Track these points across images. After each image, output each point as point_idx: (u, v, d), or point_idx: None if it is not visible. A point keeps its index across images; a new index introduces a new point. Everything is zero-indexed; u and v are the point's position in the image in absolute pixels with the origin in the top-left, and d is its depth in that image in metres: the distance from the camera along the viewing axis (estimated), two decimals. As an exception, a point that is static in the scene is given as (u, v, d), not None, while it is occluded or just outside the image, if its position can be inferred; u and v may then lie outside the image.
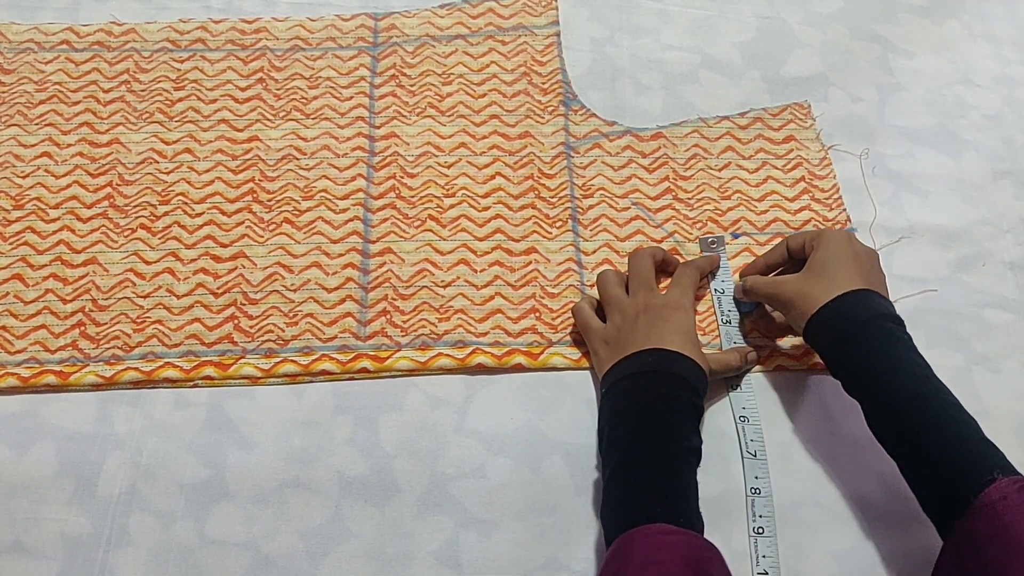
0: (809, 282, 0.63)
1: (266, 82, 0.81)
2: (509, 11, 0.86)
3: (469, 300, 0.70)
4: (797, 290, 0.63)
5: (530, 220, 0.74)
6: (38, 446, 0.63)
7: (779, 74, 0.83)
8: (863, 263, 0.63)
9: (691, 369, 0.60)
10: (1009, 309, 0.71)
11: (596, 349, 0.65)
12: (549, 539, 0.61)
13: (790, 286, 0.64)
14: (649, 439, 0.57)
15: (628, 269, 0.68)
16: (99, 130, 0.78)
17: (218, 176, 0.75)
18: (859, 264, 0.63)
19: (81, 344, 0.67)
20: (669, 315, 0.63)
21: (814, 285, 0.62)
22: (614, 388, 0.61)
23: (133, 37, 0.83)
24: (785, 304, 0.64)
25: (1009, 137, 0.80)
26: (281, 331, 0.68)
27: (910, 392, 0.56)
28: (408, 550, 0.60)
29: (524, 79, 0.81)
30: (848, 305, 0.60)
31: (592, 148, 0.78)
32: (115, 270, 0.71)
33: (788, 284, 0.64)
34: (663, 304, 0.64)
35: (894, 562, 0.60)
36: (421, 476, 0.63)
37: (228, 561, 0.60)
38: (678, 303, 0.64)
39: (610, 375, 0.62)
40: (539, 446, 0.64)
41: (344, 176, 0.75)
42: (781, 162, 0.78)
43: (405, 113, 0.79)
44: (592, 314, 0.66)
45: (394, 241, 0.72)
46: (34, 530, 0.60)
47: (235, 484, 0.62)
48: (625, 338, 0.62)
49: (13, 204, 0.74)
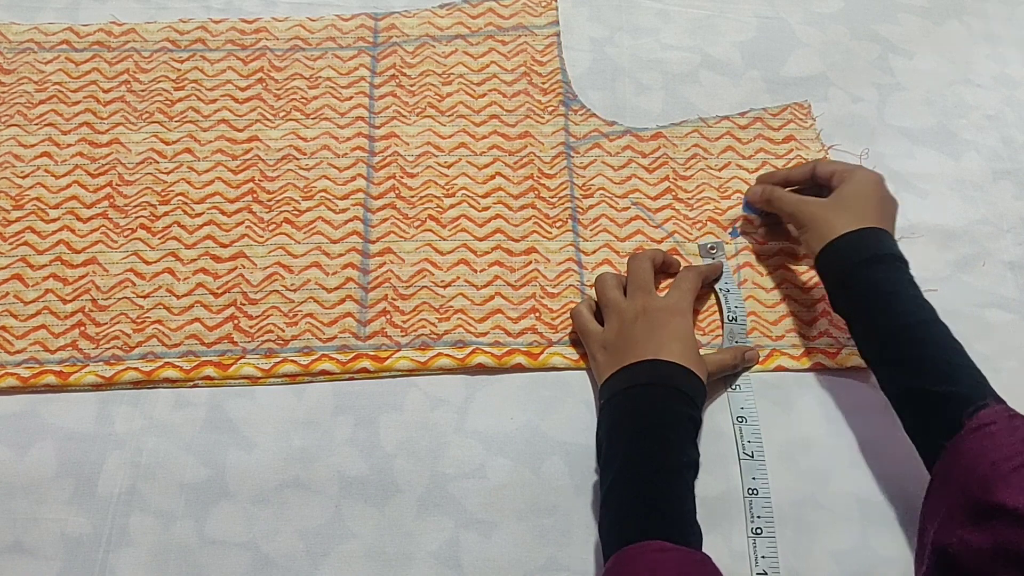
0: (834, 210, 0.65)
1: (266, 82, 0.81)
2: (509, 11, 0.86)
3: (469, 300, 0.70)
4: (821, 215, 0.65)
5: (530, 220, 0.74)
6: (38, 446, 0.63)
7: (779, 74, 0.83)
8: (888, 208, 0.66)
9: (689, 381, 0.60)
10: (1009, 309, 0.71)
11: (594, 353, 0.65)
12: (549, 539, 0.61)
13: (814, 208, 0.66)
14: (645, 454, 0.57)
15: (627, 272, 0.68)
16: (99, 130, 0.78)
17: (218, 176, 0.75)
18: (884, 208, 0.66)
19: (81, 344, 0.67)
20: (667, 320, 0.63)
21: (839, 214, 0.64)
22: (612, 400, 0.60)
23: (133, 37, 0.83)
24: (804, 224, 0.66)
25: (1009, 137, 0.80)
26: (281, 331, 0.68)
27: (912, 319, 0.59)
28: (408, 550, 0.60)
29: (524, 79, 0.81)
30: (867, 239, 0.62)
31: (592, 148, 0.78)
32: (115, 270, 0.71)
33: (813, 206, 0.66)
34: (661, 308, 0.64)
35: (894, 563, 0.60)
36: (421, 476, 0.63)
37: (228, 561, 0.60)
38: (676, 307, 0.64)
39: (608, 385, 0.61)
40: (539, 446, 0.64)
41: (344, 176, 0.75)
42: (781, 162, 0.78)
43: (405, 113, 0.79)
44: (591, 317, 0.66)
45: (394, 241, 0.72)
46: (34, 530, 0.60)
47: (235, 484, 0.62)
48: (623, 344, 0.62)
49: (13, 204, 0.74)
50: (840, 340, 0.69)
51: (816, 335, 0.69)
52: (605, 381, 0.62)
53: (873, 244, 0.62)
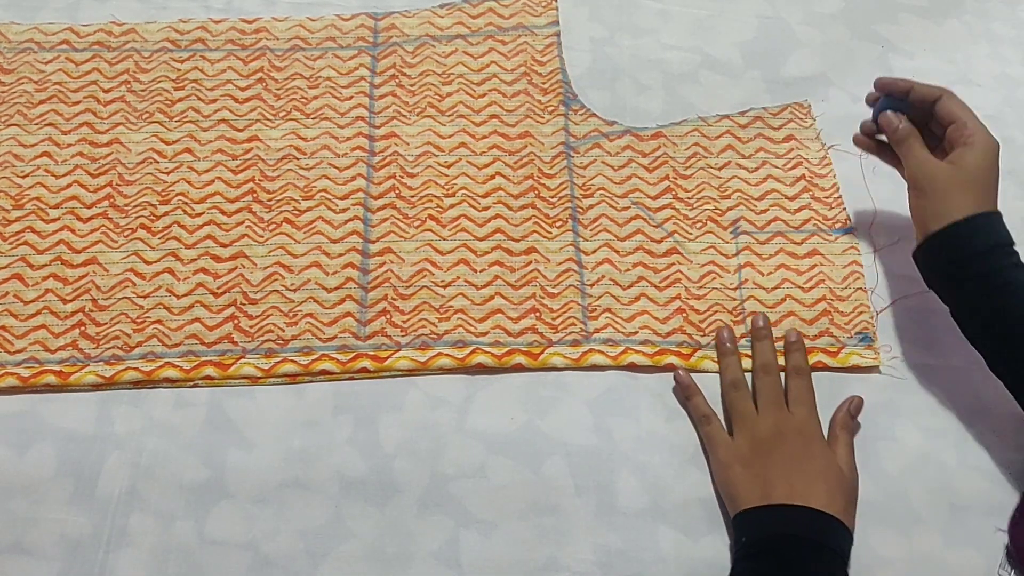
0: (957, 185, 0.63)
1: (266, 82, 0.81)
2: (509, 11, 0.86)
3: (469, 300, 0.70)
4: (942, 187, 0.63)
5: (530, 220, 0.74)
6: (38, 446, 0.63)
7: (779, 74, 0.83)
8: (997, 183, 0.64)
9: (844, 537, 0.57)
10: (1009, 309, 0.71)
11: (729, 463, 0.62)
12: (549, 539, 0.61)
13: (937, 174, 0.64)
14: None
15: (755, 385, 0.65)
16: (99, 130, 0.78)
17: (218, 176, 0.75)
18: (997, 184, 0.64)
19: (81, 344, 0.67)
20: (806, 450, 0.61)
21: (960, 192, 0.62)
22: (761, 549, 0.57)
23: (133, 37, 0.83)
24: (923, 190, 0.64)
25: (1009, 137, 0.80)
26: (281, 331, 0.68)
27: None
28: (408, 550, 0.60)
29: (524, 79, 0.81)
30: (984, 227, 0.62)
31: (592, 148, 0.78)
32: (115, 270, 0.71)
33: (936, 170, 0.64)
34: (797, 431, 0.62)
35: (894, 563, 0.60)
36: (421, 476, 0.63)
37: (228, 561, 0.60)
38: (810, 429, 0.62)
39: (754, 523, 0.59)
40: (539, 446, 0.64)
41: (344, 176, 0.75)
42: (781, 161, 0.78)
43: (405, 113, 0.79)
44: (722, 428, 0.64)
45: (394, 241, 0.72)
46: (34, 530, 0.60)
47: (235, 484, 0.62)
48: (765, 471, 0.60)
49: (13, 204, 0.74)
50: (840, 340, 0.69)
51: (816, 335, 0.69)
52: (747, 511, 0.59)
53: (991, 232, 0.61)
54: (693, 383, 0.66)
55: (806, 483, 0.59)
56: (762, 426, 0.62)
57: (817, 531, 0.57)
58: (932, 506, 0.62)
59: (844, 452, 0.62)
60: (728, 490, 0.61)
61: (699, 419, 0.65)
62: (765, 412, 0.63)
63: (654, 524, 0.61)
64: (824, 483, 0.59)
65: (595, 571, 0.60)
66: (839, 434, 0.63)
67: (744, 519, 0.59)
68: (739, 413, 0.64)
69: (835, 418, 0.65)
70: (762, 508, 0.58)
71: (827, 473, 0.60)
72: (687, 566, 0.60)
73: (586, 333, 0.69)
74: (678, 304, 0.70)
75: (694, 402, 0.65)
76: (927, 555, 0.61)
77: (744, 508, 0.59)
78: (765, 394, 0.64)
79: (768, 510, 0.58)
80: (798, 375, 0.65)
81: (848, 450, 0.63)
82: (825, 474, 0.60)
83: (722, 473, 0.62)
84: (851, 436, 0.64)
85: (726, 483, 0.61)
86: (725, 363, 0.67)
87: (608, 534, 0.61)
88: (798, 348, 0.67)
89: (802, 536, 0.56)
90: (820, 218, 0.75)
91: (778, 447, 0.61)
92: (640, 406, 0.66)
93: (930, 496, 0.63)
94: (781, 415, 0.63)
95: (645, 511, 0.62)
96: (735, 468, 0.61)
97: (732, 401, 0.65)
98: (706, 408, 0.65)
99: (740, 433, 0.63)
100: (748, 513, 0.59)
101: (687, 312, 0.70)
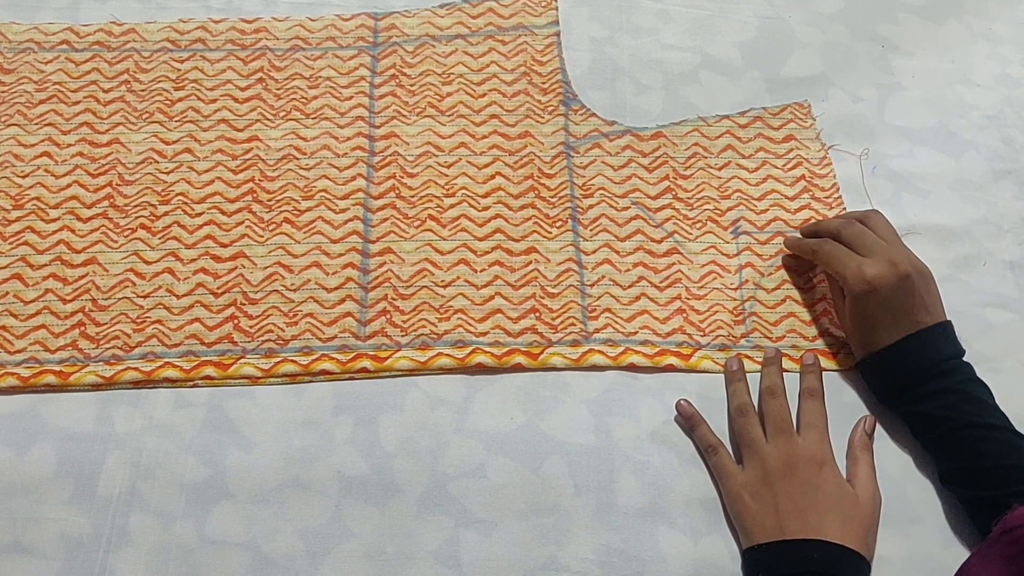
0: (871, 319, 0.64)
1: (266, 82, 0.81)
2: (509, 11, 0.86)
3: (469, 300, 0.70)
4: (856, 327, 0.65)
5: (530, 220, 0.74)
6: (38, 446, 0.63)
7: (779, 74, 0.83)
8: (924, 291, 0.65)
9: (860, 568, 0.57)
10: (1009, 309, 0.71)
11: (739, 494, 0.61)
12: (549, 539, 0.61)
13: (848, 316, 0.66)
14: None
15: (762, 410, 0.64)
16: (99, 130, 0.78)
17: (218, 176, 0.75)
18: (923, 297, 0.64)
19: (81, 344, 0.67)
20: (818, 478, 0.60)
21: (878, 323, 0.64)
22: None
23: (133, 37, 0.83)
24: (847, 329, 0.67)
25: (1009, 137, 0.80)
26: (281, 331, 0.68)
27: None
28: (408, 550, 0.60)
29: (524, 79, 0.81)
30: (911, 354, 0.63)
31: (592, 148, 0.78)
32: (115, 270, 0.71)
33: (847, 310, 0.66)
34: (808, 458, 0.60)
35: (894, 563, 0.60)
36: (421, 476, 0.63)
37: (228, 561, 0.60)
38: (821, 454, 0.61)
39: (769, 560, 0.58)
40: (539, 446, 0.64)
41: (344, 176, 0.75)
42: (781, 161, 0.78)
43: (405, 113, 0.79)
44: (730, 458, 0.63)
45: (394, 241, 0.72)
46: (34, 530, 0.60)
47: (235, 484, 0.62)
48: (776, 502, 0.59)
49: (13, 204, 0.74)
50: (840, 340, 0.69)
51: (816, 335, 0.69)
52: (760, 547, 0.58)
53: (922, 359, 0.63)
54: (696, 413, 0.65)
55: (819, 515, 0.58)
56: (772, 455, 0.61)
57: (833, 566, 0.56)
58: (932, 506, 0.62)
59: (865, 474, 0.62)
60: (740, 523, 0.60)
61: (705, 450, 0.64)
62: (774, 440, 0.62)
63: (654, 524, 0.61)
64: (838, 513, 0.58)
65: (595, 571, 0.60)
66: (859, 455, 0.63)
67: (758, 555, 0.58)
68: (748, 441, 0.63)
69: (852, 441, 0.64)
70: (776, 544, 0.58)
71: (841, 503, 0.59)
72: (687, 566, 0.60)
73: (586, 333, 0.69)
74: (678, 304, 0.70)
75: (699, 432, 0.64)
76: (927, 555, 0.61)
77: (758, 543, 0.59)
78: (772, 420, 0.63)
79: (783, 546, 0.57)
80: (811, 397, 0.64)
81: (869, 471, 0.62)
82: (839, 504, 0.59)
83: (732, 505, 0.61)
84: (871, 456, 0.63)
85: (737, 515, 0.61)
86: (732, 389, 0.66)
87: (608, 534, 0.61)
88: (813, 370, 0.66)
89: (819, 572, 0.56)
90: (820, 218, 0.75)
91: (789, 477, 0.60)
92: (640, 406, 0.66)
93: (930, 496, 0.63)
94: (791, 442, 0.61)
95: (645, 511, 0.62)
96: (745, 499, 0.60)
97: (740, 428, 0.64)
98: (712, 438, 0.64)
99: (749, 462, 0.62)
100: (762, 549, 0.58)
101: (687, 312, 0.70)
